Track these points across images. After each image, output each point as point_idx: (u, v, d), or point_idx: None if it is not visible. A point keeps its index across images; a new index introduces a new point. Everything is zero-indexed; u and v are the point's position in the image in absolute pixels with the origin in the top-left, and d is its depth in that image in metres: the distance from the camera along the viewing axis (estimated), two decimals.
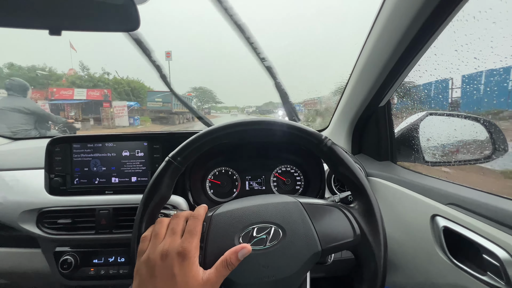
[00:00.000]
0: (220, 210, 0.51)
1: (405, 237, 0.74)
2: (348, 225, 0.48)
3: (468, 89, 0.76)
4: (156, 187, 0.51)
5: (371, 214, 0.48)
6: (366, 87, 0.89)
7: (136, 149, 0.90)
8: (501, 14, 0.47)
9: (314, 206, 0.50)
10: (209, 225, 0.48)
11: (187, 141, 0.52)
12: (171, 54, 37.71)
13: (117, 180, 0.90)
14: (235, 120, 0.53)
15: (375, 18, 0.72)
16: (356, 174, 0.50)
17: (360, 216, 0.49)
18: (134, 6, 0.62)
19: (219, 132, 0.52)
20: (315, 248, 0.46)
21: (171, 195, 0.54)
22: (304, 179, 1.01)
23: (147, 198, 0.50)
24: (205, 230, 0.48)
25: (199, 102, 36.76)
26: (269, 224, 0.48)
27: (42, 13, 0.57)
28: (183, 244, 0.43)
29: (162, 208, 0.53)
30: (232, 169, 1.01)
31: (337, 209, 0.50)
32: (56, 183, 0.86)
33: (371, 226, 0.47)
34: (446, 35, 0.58)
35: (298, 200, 0.51)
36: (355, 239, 0.47)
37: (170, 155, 0.52)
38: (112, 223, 0.86)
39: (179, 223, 0.47)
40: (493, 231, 0.50)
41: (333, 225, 0.48)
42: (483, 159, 0.80)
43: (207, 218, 0.50)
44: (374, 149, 1.05)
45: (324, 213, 0.49)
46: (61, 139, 0.88)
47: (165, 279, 0.41)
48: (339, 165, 0.51)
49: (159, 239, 0.45)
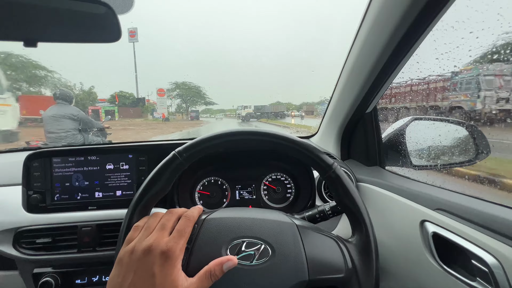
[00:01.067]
0: (214, 215, 0.50)
1: (395, 243, 0.74)
2: (341, 259, 0.46)
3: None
4: (157, 178, 0.49)
5: (368, 253, 0.46)
6: (352, 94, 0.90)
7: (121, 161, 0.87)
8: (477, 24, 0.49)
9: (309, 232, 0.48)
10: (200, 228, 0.47)
11: (198, 140, 0.51)
12: (137, 33, 27.46)
13: (100, 194, 0.86)
14: (249, 128, 0.53)
15: (359, 26, 0.73)
16: (360, 209, 0.48)
17: (356, 252, 0.47)
18: (115, 16, 0.60)
19: (230, 137, 0.51)
20: (302, 276, 0.44)
21: (168, 190, 0.52)
22: (294, 186, 1.00)
23: (145, 187, 0.49)
24: (195, 232, 0.46)
25: (183, 102, 26.98)
26: (260, 240, 0.46)
27: (15, 24, 0.54)
28: (168, 243, 0.42)
29: (156, 201, 0.52)
30: (222, 179, 0.99)
31: (333, 240, 0.48)
32: (35, 200, 0.82)
33: (365, 265, 0.46)
34: (427, 43, 0.60)
35: (295, 222, 0.50)
36: (345, 275, 0.45)
37: (177, 150, 0.51)
38: (96, 240, 0.82)
39: (171, 220, 0.46)
40: (481, 236, 0.51)
41: (325, 256, 0.46)
42: (466, 162, 0.82)
43: (200, 220, 0.49)
44: (362, 155, 1.06)
45: (319, 241, 0.48)
46: (40, 154, 0.84)
47: (144, 277, 0.39)
48: (344, 196, 0.50)
49: (149, 232, 0.44)
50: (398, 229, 0.73)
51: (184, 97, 26.21)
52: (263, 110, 22.52)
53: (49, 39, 0.59)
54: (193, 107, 26.60)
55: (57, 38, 0.59)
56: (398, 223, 0.73)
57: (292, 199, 1.00)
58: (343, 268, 0.45)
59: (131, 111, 22.90)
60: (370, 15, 0.67)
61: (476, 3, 0.48)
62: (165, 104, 23.04)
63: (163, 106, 22.87)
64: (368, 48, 0.73)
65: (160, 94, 22.64)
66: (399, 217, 0.73)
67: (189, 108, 26.23)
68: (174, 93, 26.72)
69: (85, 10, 0.59)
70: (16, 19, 0.56)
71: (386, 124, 1.02)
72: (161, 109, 22.48)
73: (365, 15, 0.69)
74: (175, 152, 0.51)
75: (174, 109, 27.03)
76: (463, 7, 0.48)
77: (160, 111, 22.21)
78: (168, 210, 0.48)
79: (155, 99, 23.17)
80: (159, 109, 22.38)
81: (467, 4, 0.47)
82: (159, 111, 22.18)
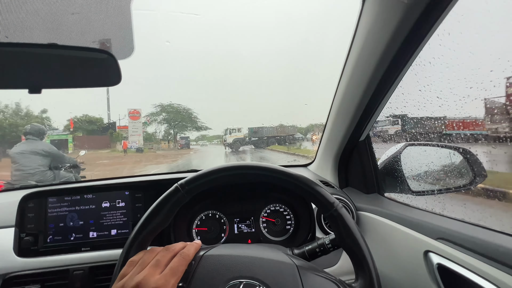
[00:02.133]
0: (212, 251, 0.49)
1: (399, 276, 0.71)
2: None
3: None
4: (156, 213, 0.49)
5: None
6: (345, 123, 0.93)
7: (117, 199, 0.86)
8: (452, 60, 0.53)
9: (311, 275, 0.47)
10: (198, 264, 0.46)
11: (201, 173, 0.52)
12: (111, 44, 13.40)
13: (95, 234, 0.84)
14: (252, 163, 0.53)
15: (345, 59, 0.78)
16: (364, 252, 0.47)
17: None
18: (115, 62, 0.64)
19: (235, 170, 0.52)
20: None
21: (167, 225, 0.51)
22: (294, 217, 0.98)
23: (143, 222, 0.48)
24: (191, 270, 0.45)
25: (170, 127, 20.63)
26: (258, 282, 0.44)
27: (21, 73, 0.58)
28: (158, 281, 0.40)
29: (153, 237, 0.50)
30: (220, 212, 0.97)
31: (335, 285, 0.46)
32: (27, 243, 0.79)
33: None
34: (410, 77, 0.63)
35: (295, 262, 0.48)
36: None
37: (179, 182, 0.51)
38: (88, 285, 0.78)
39: (166, 257, 0.45)
40: (486, 268, 0.49)
41: None
42: (463, 187, 0.81)
43: (197, 257, 0.47)
44: (360, 182, 1.06)
45: (320, 285, 0.46)
46: (37, 194, 0.84)
47: None
48: (346, 235, 0.49)
49: (142, 268, 0.43)
50: (401, 260, 0.71)
51: (171, 122, 20.57)
52: (261, 134, 16.63)
53: (53, 85, 0.62)
54: (182, 133, 20.92)
55: (61, 84, 0.63)
56: (400, 254, 0.71)
57: (292, 231, 0.97)
58: None
59: (95, 140, 17.35)
60: (356, 47, 0.72)
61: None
62: (139, 130, 16.96)
63: (137, 132, 16.68)
64: (355, 80, 0.77)
65: (133, 117, 16.66)
66: (401, 248, 0.71)
67: (178, 134, 20.64)
68: (159, 117, 20.50)
69: (88, 57, 0.64)
70: (22, 69, 0.60)
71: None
72: (134, 137, 16.43)
73: (351, 47, 0.74)
74: (177, 185, 0.51)
75: (161, 136, 21.00)
76: (437, 46, 0.52)
77: (132, 139, 16.24)
78: (165, 246, 0.47)
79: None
80: (132, 136, 16.39)
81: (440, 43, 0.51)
82: (131, 139, 16.28)
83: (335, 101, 0.93)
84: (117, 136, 17.33)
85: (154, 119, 20.20)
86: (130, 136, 16.58)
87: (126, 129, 16.95)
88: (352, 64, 0.75)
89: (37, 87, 0.59)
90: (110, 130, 17.71)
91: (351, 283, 0.48)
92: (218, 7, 54.33)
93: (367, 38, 0.63)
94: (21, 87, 0.59)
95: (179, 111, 21.07)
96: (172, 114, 20.79)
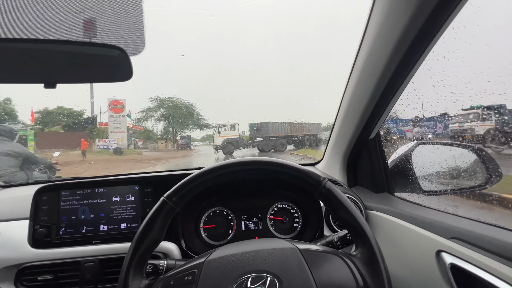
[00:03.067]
0: (213, 255, 0.49)
1: (410, 276, 0.70)
2: (350, 275, 0.45)
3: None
4: (148, 229, 0.49)
5: (375, 263, 0.45)
6: (354, 121, 0.92)
7: (127, 193, 0.88)
8: (468, 54, 0.51)
9: (313, 253, 0.48)
10: (201, 272, 0.46)
11: (184, 181, 0.52)
12: (95, 25, 1.63)
13: (105, 227, 0.85)
14: (234, 159, 0.54)
15: (356, 56, 0.77)
16: (357, 219, 0.48)
17: (363, 266, 0.46)
18: (127, 58, 0.65)
19: (216, 172, 0.52)
20: None
21: (162, 239, 0.52)
22: (301, 215, 0.98)
23: (137, 241, 0.48)
24: (195, 279, 0.45)
25: (169, 125, 17.27)
26: (265, 273, 0.45)
27: (37, 68, 0.60)
28: None
29: (151, 253, 0.51)
30: (227, 209, 0.98)
31: (339, 258, 0.48)
32: (40, 234, 0.82)
33: (375, 277, 0.45)
34: (423, 72, 0.62)
35: (296, 246, 0.49)
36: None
37: (165, 194, 0.51)
38: (98, 277, 0.79)
39: None
40: (501, 267, 0.48)
41: (333, 275, 0.45)
42: (477, 187, 0.79)
43: (199, 264, 0.47)
44: (370, 181, 1.04)
45: (324, 261, 0.47)
46: (50, 187, 0.86)
47: None
48: (338, 208, 0.50)
49: None
50: (412, 261, 0.69)
51: (170, 118, 17.12)
52: (266, 133, 12.20)
53: (67, 80, 0.64)
54: (182, 131, 17.65)
55: (74, 79, 0.65)
56: (412, 254, 0.69)
57: (299, 229, 0.96)
58: (354, 285, 0.44)
59: (65, 137, 13.40)
60: (366, 45, 0.71)
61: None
62: (122, 126, 12.99)
63: (119, 128, 12.86)
64: (366, 77, 0.76)
65: (115, 109, 12.84)
66: (412, 247, 0.69)
67: (178, 133, 17.52)
68: (157, 112, 16.78)
69: (101, 54, 0.65)
70: (38, 65, 0.62)
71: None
72: (116, 134, 12.69)
73: (361, 45, 0.73)
74: (164, 198, 0.51)
75: (160, 134, 17.43)
76: (452, 39, 0.51)
77: (113, 136, 12.57)
78: None
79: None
80: (113, 133, 12.73)
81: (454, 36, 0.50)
82: (112, 136, 12.60)
83: (345, 98, 0.92)
84: (99, 134, 13.38)
85: (150, 115, 16.52)
86: (110, 133, 12.72)
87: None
88: (363, 60, 0.74)
89: (53, 82, 0.61)
90: (90, 126, 13.72)
91: (351, 253, 0.49)
92: (229, 3, 52.40)
93: (379, 32, 0.62)
94: (37, 81, 0.60)
95: (179, 106, 17.12)
96: (171, 110, 16.96)
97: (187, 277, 0.47)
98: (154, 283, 0.50)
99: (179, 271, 0.49)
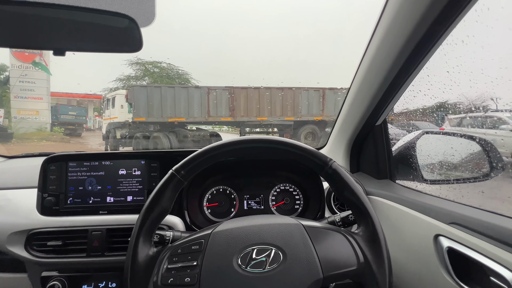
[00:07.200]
0: (220, 227, 0.50)
1: (408, 259, 0.72)
2: (352, 252, 0.47)
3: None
4: (157, 199, 0.50)
5: (376, 242, 0.47)
6: (362, 106, 0.91)
7: (133, 167, 0.89)
8: (488, 38, 0.50)
9: (317, 230, 0.49)
10: (208, 242, 0.47)
11: (193, 155, 0.53)
12: None
13: (112, 199, 0.87)
14: (243, 137, 0.55)
15: (370, 39, 0.75)
16: (361, 199, 0.50)
17: (364, 243, 0.48)
18: (137, 29, 0.64)
19: (224, 148, 0.53)
20: (317, 275, 0.44)
21: (171, 209, 0.53)
22: (303, 197, 0.99)
23: (147, 210, 0.50)
24: (202, 249, 0.47)
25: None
26: (270, 246, 0.47)
27: (47, 35, 0.59)
28: None
29: (160, 223, 0.52)
30: (230, 188, 0.99)
31: (341, 235, 0.49)
32: (49, 202, 0.84)
33: (375, 255, 0.46)
34: (437, 57, 0.61)
35: (301, 222, 0.50)
36: (358, 267, 0.46)
37: (174, 168, 0.52)
38: (105, 245, 0.82)
39: None
40: (499, 251, 0.49)
41: (336, 251, 0.47)
42: (481, 177, 0.80)
43: (206, 235, 0.49)
44: (372, 168, 1.05)
45: (327, 237, 0.48)
46: (58, 157, 0.87)
47: None
48: (344, 189, 0.51)
49: None
50: (410, 244, 0.71)
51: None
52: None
53: (77, 49, 0.63)
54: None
55: (84, 48, 0.64)
56: (410, 238, 0.71)
57: (300, 211, 0.98)
58: (354, 261, 0.46)
59: None
60: (381, 29, 0.69)
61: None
62: (39, 88, 8.65)
63: (33, 92, 8.65)
64: (378, 61, 0.75)
65: (21, 55, 8.30)
66: (411, 232, 0.71)
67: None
68: (142, 82, 9.93)
69: (110, 23, 0.64)
70: (47, 31, 0.61)
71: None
72: (25, 102, 8.44)
73: (376, 29, 0.71)
74: (172, 171, 0.52)
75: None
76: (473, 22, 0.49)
77: (16, 105, 8.45)
78: None
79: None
80: (16, 101, 8.43)
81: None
82: (15, 105, 8.45)
83: (355, 82, 0.91)
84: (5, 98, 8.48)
85: (130, 85, 9.38)
86: (12, 100, 8.01)
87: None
88: (377, 43, 0.72)
89: (62, 49, 0.60)
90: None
91: (354, 231, 0.51)
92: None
93: (398, 12, 0.60)
94: (47, 48, 0.60)
95: (169, 75, 10.64)
96: (159, 79, 10.32)
97: (194, 247, 0.49)
98: (162, 251, 0.52)
99: (186, 240, 0.51)
